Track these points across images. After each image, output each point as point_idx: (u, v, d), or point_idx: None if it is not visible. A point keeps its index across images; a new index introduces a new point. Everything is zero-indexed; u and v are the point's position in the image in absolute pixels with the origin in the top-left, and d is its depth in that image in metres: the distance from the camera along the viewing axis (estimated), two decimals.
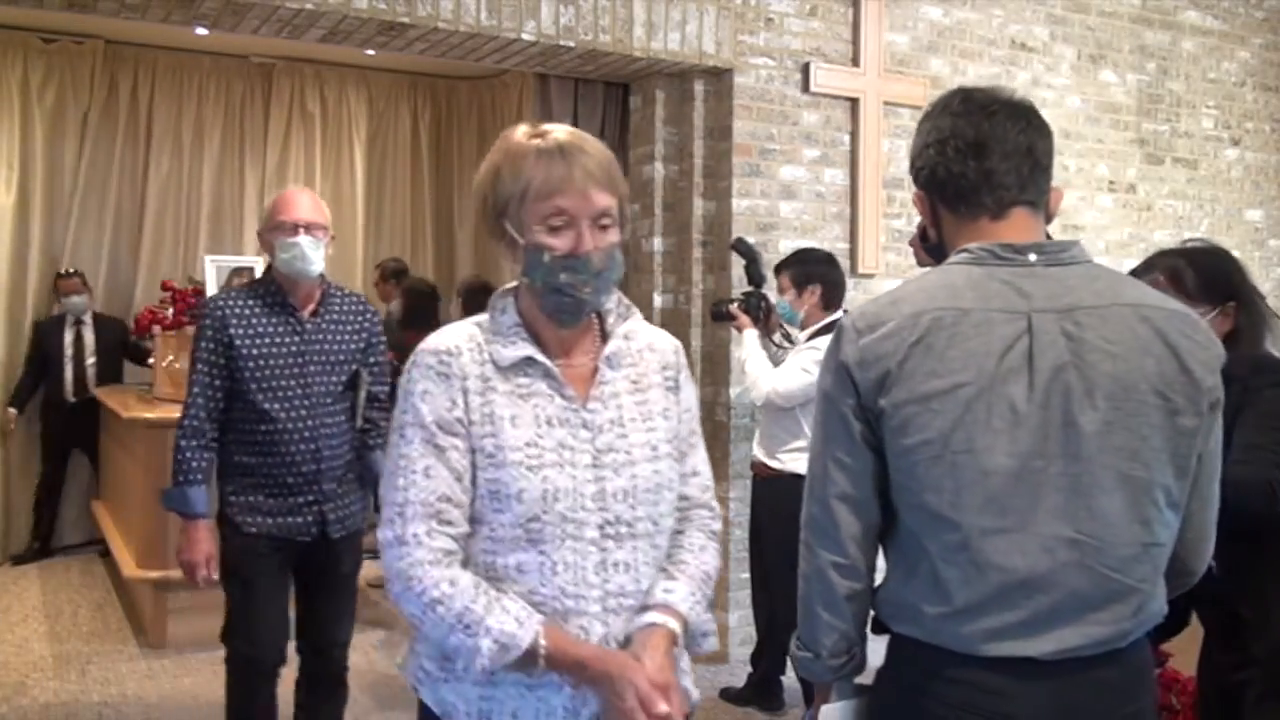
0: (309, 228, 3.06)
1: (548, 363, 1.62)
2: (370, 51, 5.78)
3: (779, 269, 4.16)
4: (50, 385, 6.61)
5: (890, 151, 5.19)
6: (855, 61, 5.08)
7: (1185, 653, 2.44)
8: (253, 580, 3.06)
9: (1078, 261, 1.54)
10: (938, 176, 1.60)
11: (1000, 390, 1.44)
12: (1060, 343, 1.46)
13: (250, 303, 3.05)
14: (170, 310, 5.79)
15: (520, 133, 1.62)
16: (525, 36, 4.33)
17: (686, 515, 1.74)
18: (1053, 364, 1.45)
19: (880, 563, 1.62)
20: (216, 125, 7.49)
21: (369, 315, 3.24)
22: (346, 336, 3.13)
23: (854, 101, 5.08)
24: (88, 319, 6.65)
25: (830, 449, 1.55)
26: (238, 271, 5.64)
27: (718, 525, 1.79)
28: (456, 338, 1.63)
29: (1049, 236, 1.61)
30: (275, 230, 3.05)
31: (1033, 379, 1.45)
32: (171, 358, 5.57)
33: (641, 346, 1.72)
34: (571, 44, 4.43)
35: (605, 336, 1.69)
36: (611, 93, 5.11)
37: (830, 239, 5.06)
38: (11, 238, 6.79)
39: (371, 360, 3.21)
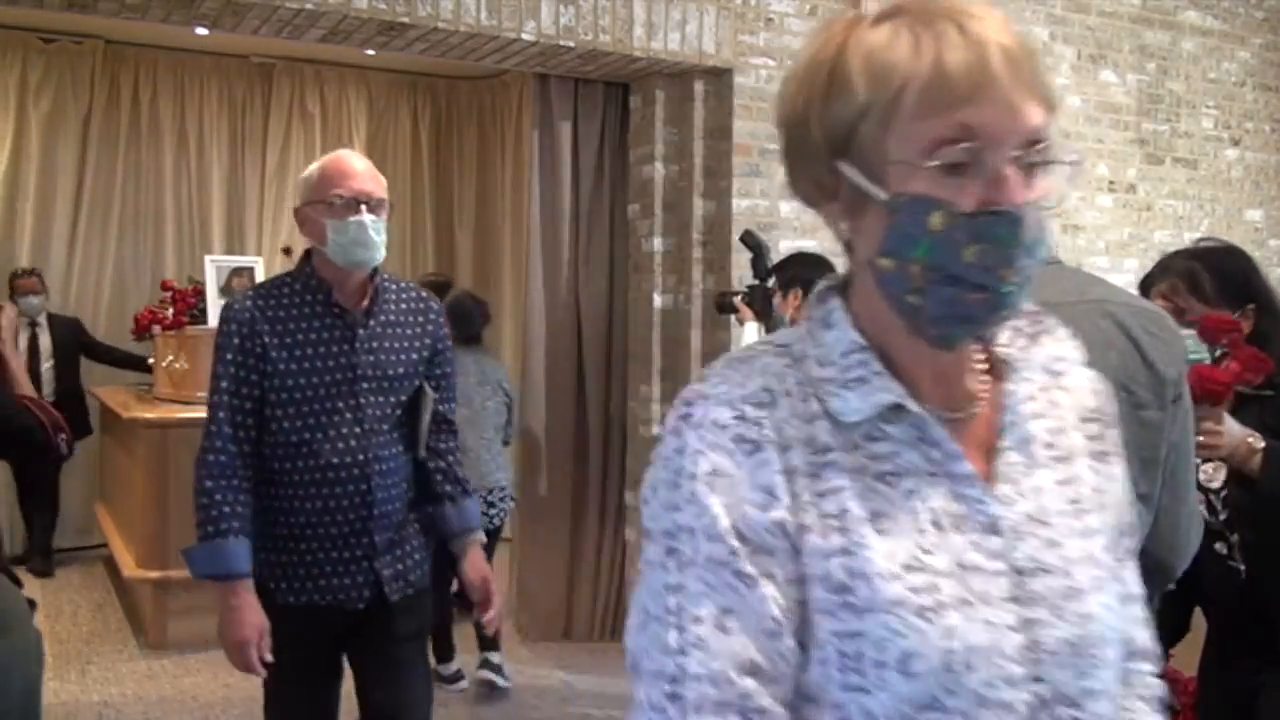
0: (370, 202, 2.38)
1: (926, 415, 0.92)
2: (370, 51, 5.78)
3: (772, 271, 4.19)
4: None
5: None
6: None
7: (1184, 653, 2.44)
8: (291, 666, 2.37)
9: (1047, 263, 1.53)
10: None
11: None
12: None
13: (286, 302, 2.37)
14: (170, 310, 5.79)
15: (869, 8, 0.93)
16: (525, 36, 4.33)
17: (1125, 673, 1.01)
18: None
19: None
20: (216, 125, 7.49)
21: (433, 314, 2.53)
22: (407, 343, 2.44)
23: None
24: (43, 320, 6.39)
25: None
26: (238, 272, 5.64)
27: (1162, 690, 1.09)
28: (758, 375, 0.93)
29: None
30: (324, 206, 2.36)
31: None
32: (171, 358, 5.57)
33: (1048, 382, 1.01)
34: (571, 44, 4.43)
35: (992, 363, 0.99)
36: (611, 93, 5.11)
37: (830, 239, 5.03)
38: (4, 238, 6.79)
39: (438, 372, 2.53)
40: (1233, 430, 1.93)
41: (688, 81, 4.86)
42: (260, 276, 5.64)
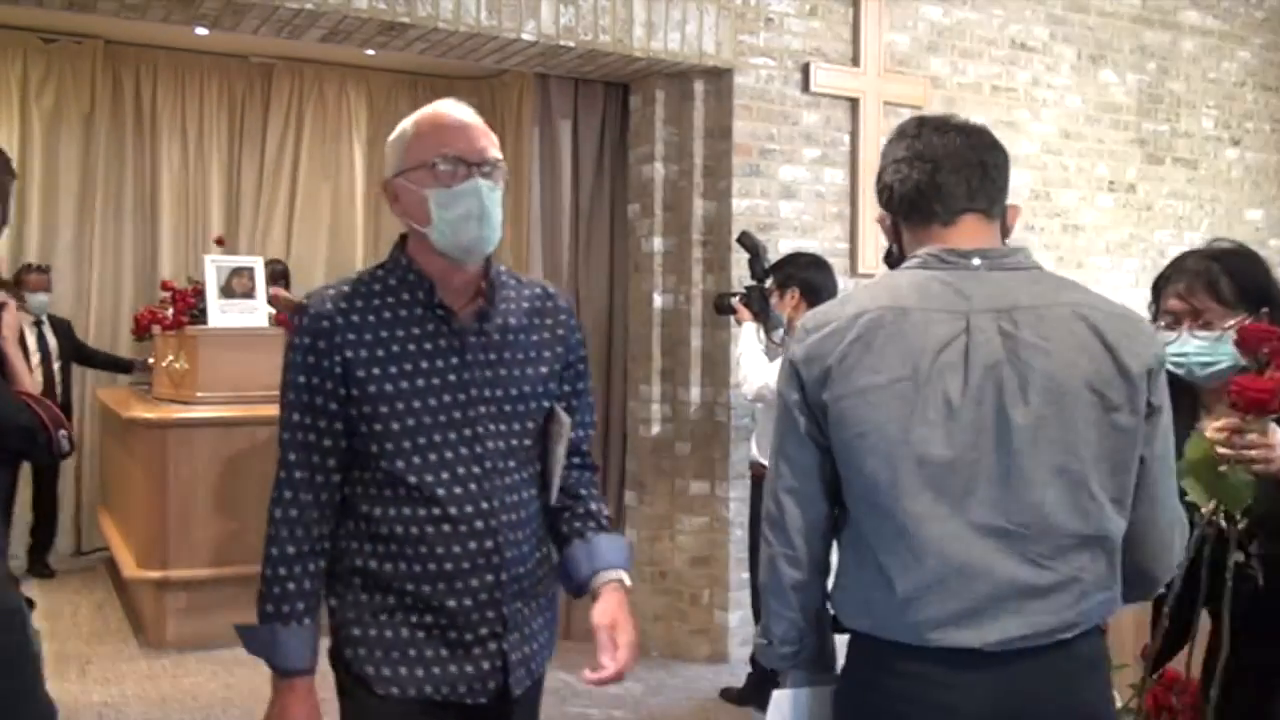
0: (485, 165, 1.81)
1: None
2: (370, 51, 5.79)
3: (769, 272, 4.21)
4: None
5: None
6: (855, 61, 5.08)
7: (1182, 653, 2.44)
8: None
9: (1022, 267, 1.61)
10: (895, 193, 1.70)
11: (936, 385, 1.51)
12: (996, 340, 1.53)
13: (376, 303, 1.82)
14: (170, 310, 5.79)
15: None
16: (525, 36, 4.33)
17: None
18: (987, 361, 1.52)
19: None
20: (216, 125, 7.49)
21: (562, 315, 1.98)
22: (534, 353, 1.90)
23: (854, 101, 5.08)
24: (45, 318, 6.17)
25: (781, 444, 1.63)
26: (237, 272, 5.64)
27: None
28: None
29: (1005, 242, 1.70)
30: (424, 173, 1.79)
31: (968, 375, 1.52)
32: (171, 358, 5.57)
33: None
34: (571, 44, 4.43)
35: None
36: (611, 93, 5.11)
37: (830, 239, 5.06)
38: (9, 238, 6.78)
39: (570, 390, 1.97)
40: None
41: (688, 81, 4.86)
42: (260, 276, 5.64)
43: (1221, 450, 1.81)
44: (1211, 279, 2.18)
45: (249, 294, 5.53)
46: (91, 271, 7.03)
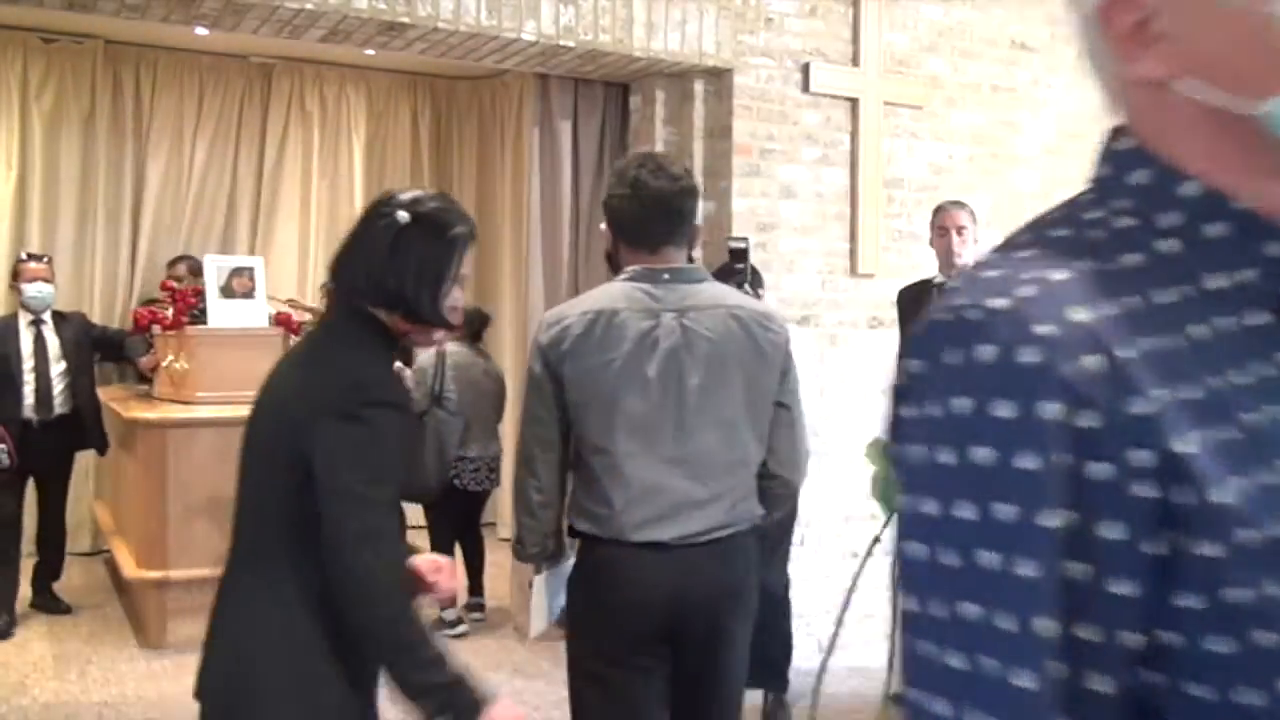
0: None
1: None
2: (370, 51, 5.78)
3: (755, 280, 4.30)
4: (5, 403, 5.13)
5: (890, 151, 5.19)
6: (855, 61, 5.08)
7: None
8: None
9: (696, 280, 2.36)
10: (618, 220, 2.35)
11: (637, 362, 2.23)
12: (677, 331, 2.26)
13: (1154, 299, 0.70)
14: (170, 310, 5.78)
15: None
16: (525, 36, 4.33)
17: None
18: (670, 345, 2.25)
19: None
20: (216, 125, 7.49)
21: None
22: None
23: (854, 101, 5.08)
24: (47, 317, 5.34)
25: (531, 406, 2.30)
26: (237, 272, 5.64)
27: None
28: None
29: (691, 260, 2.44)
30: None
31: (657, 355, 2.24)
32: (171, 358, 5.57)
33: None
34: (571, 44, 4.43)
35: None
36: (611, 93, 5.11)
37: (830, 239, 5.06)
38: (9, 238, 6.79)
39: None
40: None
41: (688, 81, 4.86)
42: (260, 277, 5.63)
43: None
44: None
45: (249, 294, 5.53)
46: (92, 271, 7.03)
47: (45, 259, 5.48)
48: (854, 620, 5.19)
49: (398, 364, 2.11)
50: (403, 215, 1.83)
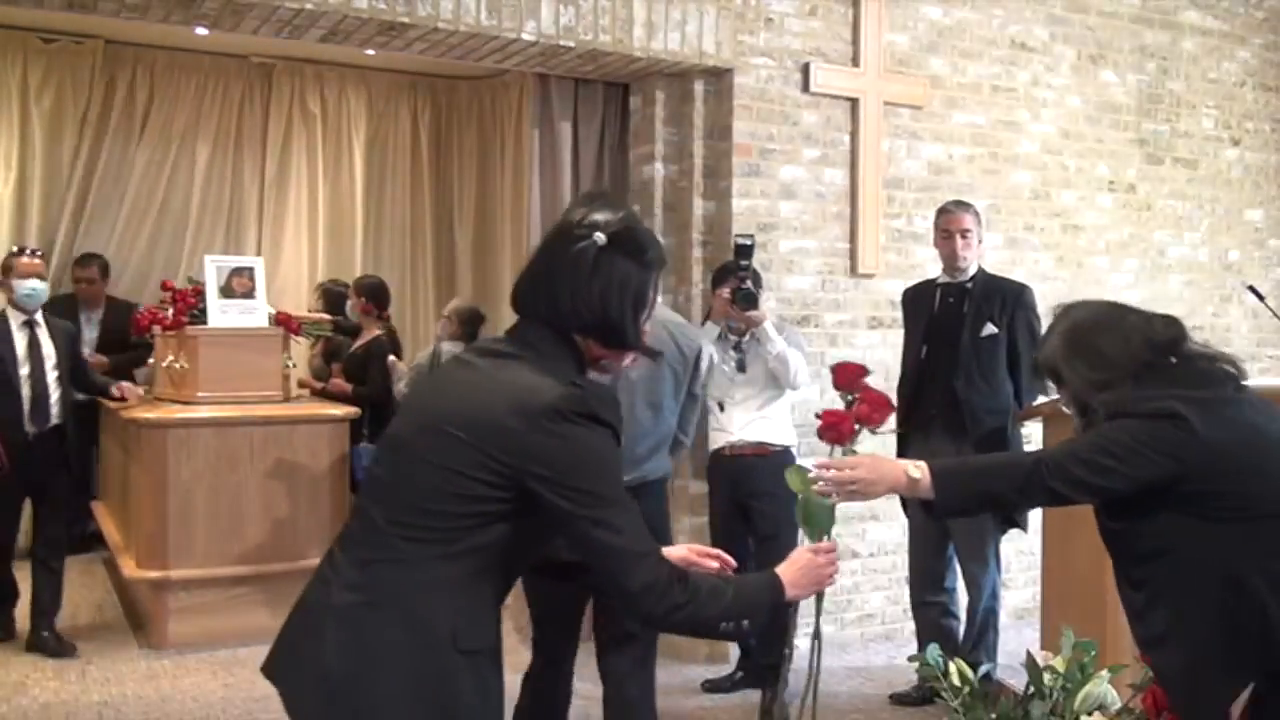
0: None
1: None
2: (370, 51, 5.78)
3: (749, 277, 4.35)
4: (2, 409, 4.65)
5: (890, 151, 5.19)
6: (855, 61, 5.08)
7: None
8: None
9: None
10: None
11: None
12: None
13: None
14: (170, 310, 5.78)
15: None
16: (525, 36, 4.33)
17: None
18: None
19: None
20: (216, 125, 7.49)
21: None
22: None
23: (854, 101, 5.08)
24: (39, 317, 4.85)
25: None
26: (237, 272, 5.63)
27: None
28: None
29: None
30: None
31: None
32: (171, 358, 5.56)
33: None
34: (571, 44, 4.43)
35: None
36: (611, 93, 5.11)
37: (830, 239, 5.06)
38: (8, 239, 6.78)
39: None
40: (879, 467, 2.24)
41: (688, 81, 4.86)
42: (260, 277, 5.63)
43: (817, 482, 2.22)
44: None
45: (249, 294, 5.52)
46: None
47: (38, 253, 5.09)
48: (854, 620, 5.19)
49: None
50: (600, 237, 1.79)
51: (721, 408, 4.36)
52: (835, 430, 2.02)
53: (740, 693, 4.45)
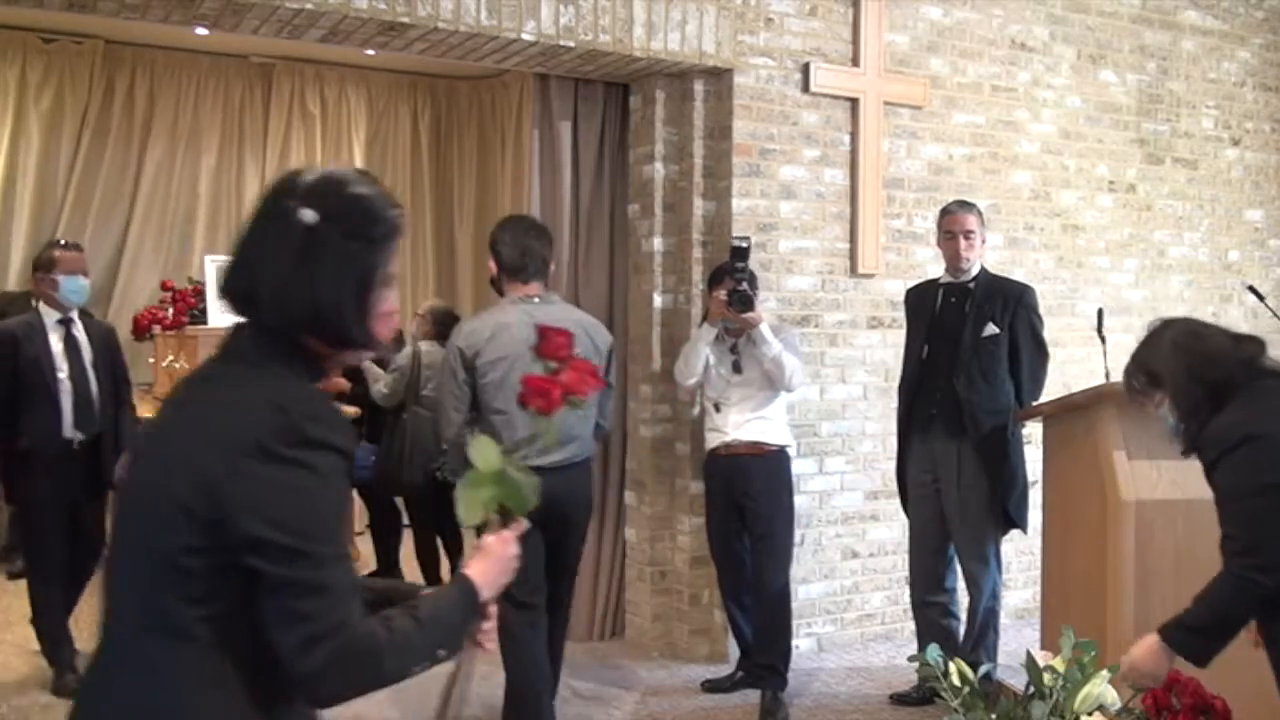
0: None
1: None
2: (370, 51, 5.78)
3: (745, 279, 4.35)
4: (35, 420, 4.23)
5: (890, 151, 5.19)
6: (855, 61, 5.08)
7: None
8: None
9: (554, 302, 3.74)
10: (504, 259, 3.67)
11: (522, 357, 3.37)
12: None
13: None
14: (170, 310, 5.79)
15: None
16: (525, 36, 4.33)
17: None
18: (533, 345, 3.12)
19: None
20: (216, 125, 7.50)
21: None
22: None
23: (854, 101, 5.07)
24: (75, 315, 4.47)
25: (450, 386, 3.61)
26: None
27: None
28: None
29: (546, 287, 3.72)
30: None
31: (536, 360, 2.99)
32: (171, 357, 5.57)
33: None
34: (571, 44, 4.43)
35: None
36: (611, 93, 5.10)
37: (830, 239, 5.06)
38: (5, 241, 6.79)
39: None
40: (1152, 661, 2.46)
41: (688, 81, 4.86)
42: None
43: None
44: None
45: None
46: (91, 272, 7.02)
47: (79, 248, 4.60)
48: (854, 620, 5.19)
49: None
50: (307, 215, 1.43)
51: (718, 409, 4.36)
52: (544, 397, 1.87)
53: (740, 693, 4.45)
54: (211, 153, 7.48)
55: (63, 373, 4.33)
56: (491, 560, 1.66)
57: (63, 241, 4.60)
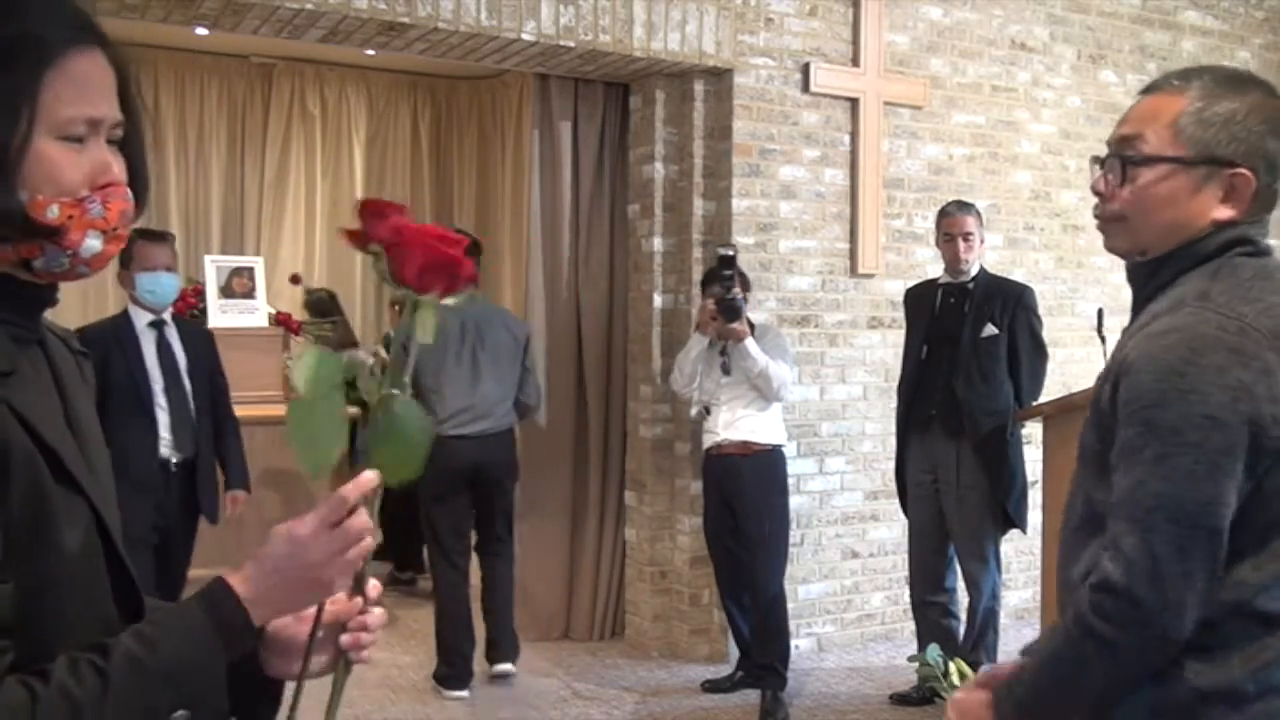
0: None
1: None
2: (370, 51, 5.78)
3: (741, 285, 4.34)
4: (131, 437, 3.64)
5: (890, 152, 5.19)
6: (855, 61, 5.08)
7: None
8: None
9: (482, 302, 4.76)
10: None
11: (456, 347, 4.32)
12: (473, 330, 4.37)
13: None
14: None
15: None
16: (525, 36, 4.33)
17: None
18: (471, 338, 4.35)
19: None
20: (216, 125, 7.50)
21: None
22: None
23: (854, 101, 5.07)
24: (168, 316, 3.91)
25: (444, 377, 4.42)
26: (238, 272, 5.64)
27: None
28: None
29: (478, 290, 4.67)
30: None
31: (466, 343, 4.35)
32: None
33: None
34: (571, 44, 4.43)
35: None
36: (611, 93, 5.10)
37: (830, 239, 5.06)
38: None
39: None
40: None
41: (688, 81, 4.86)
42: (260, 277, 5.64)
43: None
44: None
45: (249, 294, 5.53)
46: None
47: (164, 236, 4.02)
48: (854, 620, 5.19)
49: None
50: None
51: (708, 411, 4.35)
52: (448, 272, 1.08)
53: (740, 693, 4.45)
54: (211, 153, 7.48)
55: (157, 384, 3.79)
56: (280, 560, 1.07)
57: (145, 231, 3.88)
